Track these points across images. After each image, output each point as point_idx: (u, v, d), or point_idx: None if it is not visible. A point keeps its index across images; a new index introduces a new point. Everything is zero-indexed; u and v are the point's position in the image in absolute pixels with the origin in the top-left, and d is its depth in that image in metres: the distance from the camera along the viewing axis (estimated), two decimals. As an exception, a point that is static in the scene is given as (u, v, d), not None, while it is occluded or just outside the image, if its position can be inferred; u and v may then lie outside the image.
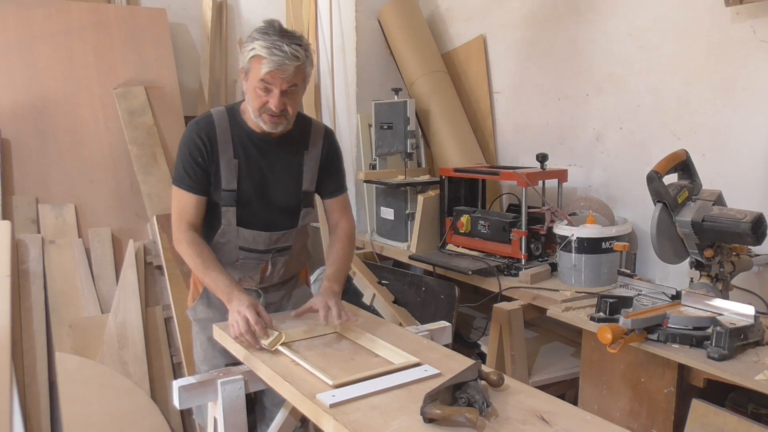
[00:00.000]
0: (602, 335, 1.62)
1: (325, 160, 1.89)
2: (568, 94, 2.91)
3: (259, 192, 1.79)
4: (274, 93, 1.64)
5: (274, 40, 1.60)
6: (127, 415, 2.54)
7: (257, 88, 1.65)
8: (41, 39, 3.09)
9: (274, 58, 1.59)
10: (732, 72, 2.22)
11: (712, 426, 1.57)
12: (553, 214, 2.54)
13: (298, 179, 1.85)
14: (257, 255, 1.84)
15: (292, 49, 1.60)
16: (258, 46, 1.61)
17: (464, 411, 1.13)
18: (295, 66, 1.62)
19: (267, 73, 1.60)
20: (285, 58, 1.59)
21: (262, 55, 1.60)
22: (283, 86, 1.64)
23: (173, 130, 3.28)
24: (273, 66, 1.60)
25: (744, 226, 1.75)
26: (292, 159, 1.83)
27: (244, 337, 1.56)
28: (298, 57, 1.62)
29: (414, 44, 3.43)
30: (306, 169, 1.85)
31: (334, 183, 1.93)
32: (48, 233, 2.86)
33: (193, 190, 1.75)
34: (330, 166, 1.91)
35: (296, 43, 1.63)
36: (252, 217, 1.80)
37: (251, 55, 1.63)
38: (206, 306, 1.89)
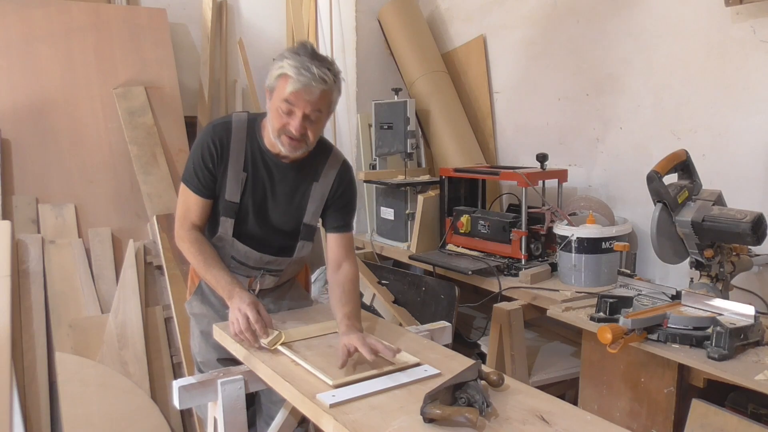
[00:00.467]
0: (602, 335, 1.62)
1: (334, 193, 1.81)
2: (568, 94, 2.91)
3: (256, 211, 1.77)
4: (296, 115, 1.59)
5: (304, 60, 1.55)
6: (127, 415, 2.54)
7: (280, 108, 1.59)
8: (41, 39, 3.09)
9: (301, 78, 1.54)
10: (732, 72, 2.22)
11: (712, 426, 1.57)
12: (553, 214, 2.54)
13: (300, 209, 1.79)
14: (247, 269, 1.85)
15: (321, 72, 1.55)
16: (286, 65, 1.56)
17: (464, 411, 1.13)
18: (322, 90, 1.57)
19: (292, 93, 1.55)
20: (312, 80, 1.54)
21: (289, 74, 1.55)
22: (307, 109, 1.58)
23: (173, 130, 3.29)
24: (299, 86, 1.54)
25: (744, 226, 1.75)
26: (299, 187, 1.78)
27: (244, 335, 1.55)
28: (326, 81, 1.56)
29: (414, 44, 3.43)
30: (311, 201, 1.79)
31: (339, 219, 1.83)
32: (48, 233, 2.86)
33: (201, 193, 1.73)
34: (338, 201, 1.82)
35: (326, 67, 1.57)
36: (247, 233, 1.79)
37: (278, 73, 1.58)
38: (200, 301, 1.91)
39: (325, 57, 1.62)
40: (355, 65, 3.58)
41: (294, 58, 1.56)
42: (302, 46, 1.60)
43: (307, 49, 1.59)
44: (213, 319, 1.85)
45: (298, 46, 1.60)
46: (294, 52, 1.58)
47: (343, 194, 1.83)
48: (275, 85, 1.60)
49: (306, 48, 1.59)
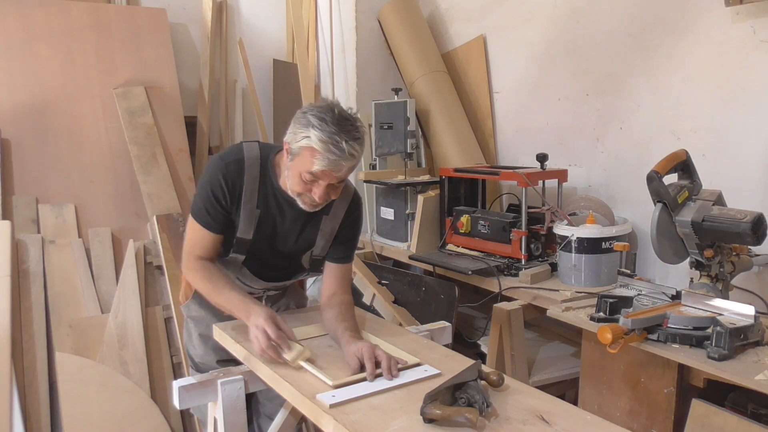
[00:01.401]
0: (602, 335, 1.62)
1: (343, 227, 1.76)
2: (568, 94, 2.91)
3: (266, 244, 1.73)
4: (320, 184, 1.52)
5: (332, 133, 1.44)
6: (127, 415, 2.54)
7: (303, 176, 1.51)
8: (41, 39, 3.09)
9: (330, 156, 1.44)
10: (732, 72, 2.22)
11: (712, 426, 1.57)
12: (553, 214, 2.54)
13: (308, 241, 1.75)
14: (250, 289, 1.84)
15: (350, 147, 1.45)
16: (314, 137, 1.44)
17: (464, 411, 1.13)
18: (350, 165, 1.50)
19: (319, 170, 1.47)
20: (341, 158, 1.45)
21: (317, 149, 1.45)
22: (333, 182, 1.52)
23: (173, 130, 3.29)
24: (327, 165, 1.46)
25: (744, 226, 1.75)
26: (310, 221, 1.72)
27: (267, 353, 1.45)
28: (355, 156, 1.48)
29: (414, 44, 3.43)
30: (321, 235, 1.74)
31: (341, 251, 1.78)
32: (48, 233, 2.86)
33: (211, 228, 1.66)
34: (345, 234, 1.77)
35: (354, 138, 1.47)
36: (255, 263, 1.77)
37: (304, 144, 1.47)
38: (198, 305, 1.91)
39: (351, 118, 1.50)
40: (355, 65, 3.58)
41: (322, 129, 1.44)
42: (329, 110, 1.47)
43: (335, 114, 1.47)
44: (211, 321, 1.84)
45: (325, 109, 1.48)
46: (320, 117, 1.45)
47: (350, 228, 1.78)
48: (299, 152, 1.50)
49: (333, 113, 1.47)
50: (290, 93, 3.79)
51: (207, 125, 3.69)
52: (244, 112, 3.92)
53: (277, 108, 3.94)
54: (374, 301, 2.86)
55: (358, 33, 3.56)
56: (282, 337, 1.47)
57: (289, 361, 1.44)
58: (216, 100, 3.81)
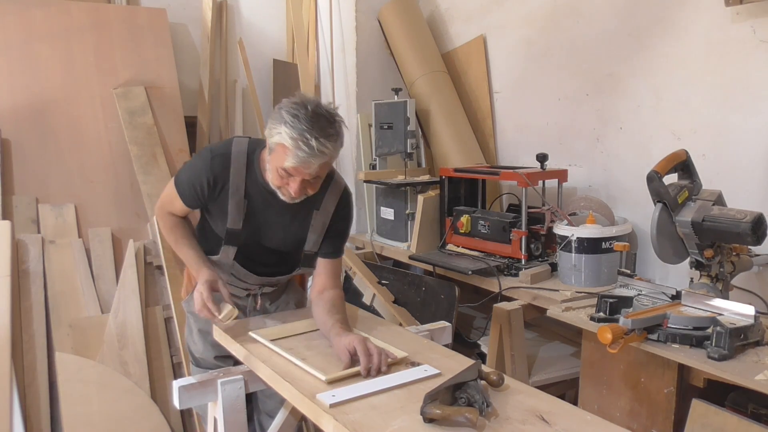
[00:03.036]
0: (602, 335, 1.62)
1: (333, 222, 1.77)
2: (568, 94, 2.91)
3: (257, 237, 1.75)
4: (295, 179, 1.54)
5: (302, 130, 1.44)
6: (127, 415, 2.54)
7: (278, 171, 1.54)
8: (41, 39, 3.09)
9: (299, 153, 1.45)
10: (732, 72, 2.22)
11: (712, 426, 1.57)
12: (553, 214, 2.54)
13: (299, 236, 1.76)
14: (246, 284, 1.87)
15: (320, 144, 1.45)
16: (285, 133, 1.46)
17: (464, 411, 1.13)
18: (321, 163, 1.50)
19: (290, 167, 1.50)
20: (310, 156, 1.46)
21: (287, 146, 1.46)
22: (306, 178, 1.54)
23: (173, 130, 3.28)
24: (296, 162, 1.47)
25: (744, 226, 1.75)
26: (298, 215, 1.73)
27: (202, 312, 1.63)
28: (325, 153, 1.48)
29: (414, 44, 3.43)
30: (312, 230, 1.76)
31: (331, 246, 1.80)
32: (48, 233, 2.86)
33: (185, 200, 1.74)
34: (335, 229, 1.79)
35: (327, 135, 1.47)
36: (246, 257, 1.79)
37: (276, 140, 1.49)
38: None
39: (326, 114, 1.51)
40: (355, 65, 3.58)
41: (293, 126, 1.45)
42: (302, 107, 1.48)
43: (307, 110, 1.47)
44: None
45: (298, 106, 1.48)
46: (293, 114, 1.46)
47: (341, 223, 1.80)
48: (274, 148, 1.53)
49: (306, 109, 1.47)
50: (290, 93, 3.75)
51: (207, 125, 3.69)
52: (244, 112, 3.91)
53: (277, 108, 3.94)
54: (374, 301, 2.86)
55: (358, 33, 3.56)
56: (211, 300, 1.62)
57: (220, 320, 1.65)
58: (216, 100, 3.81)
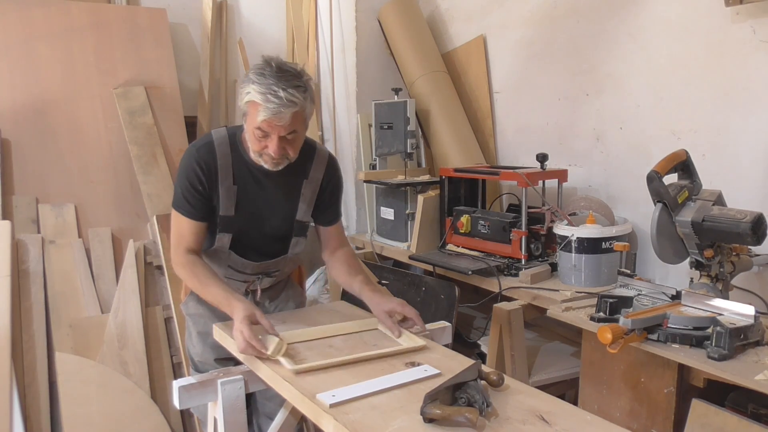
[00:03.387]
0: (602, 335, 1.62)
1: (324, 189, 1.83)
2: (568, 94, 2.91)
3: (253, 221, 1.76)
4: (272, 138, 1.57)
5: (270, 84, 1.50)
6: (127, 415, 2.54)
7: (255, 133, 1.58)
8: (41, 39, 3.09)
9: (269, 105, 1.50)
10: (732, 72, 2.22)
11: (712, 426, 1.57)
12: (553, 214, 2.54)
13: (292, 208, 1.80)
14: (244, 275, 1.86)
15: (288, 95, 1.50)
16: (253, 91, 1.52)
17: (464, 411, 1.13)
18: (293, 112, 1.54)
19: (263, 121, 1.53)
20: (281, 106, 1.50)
21: (257, 101, 1.52)
22: (281, 133, 1.57)
23: (173, 130, 3.28)
24: (268, 114, 1.51)
25: (744, 226, 1.75)
26: (290, 188, 1.78)
27: (247, 351, 1.51)
28: (296, 102, 1.52)
29: (414, 44, 3.43)
30: (302, 199, 1.80)
31: (330, 214, 1.88)
32: (48, 233, 2.86)
33: (192, 216, 1.71)
34: (329, 197, 1.85)
35: (294, 86, 1.52)
36: (243, 244, 1.79)
37: (246, 99, 1.55)
38: (197, 302, 1.91)
39: (292, 70, 1.56)
40: (355, 65, 3.58)
41: (260, 82, 1.51)
42: (267, 65, 1.55)
43: (272, 68, 1.54)
44: (210, 319, 1.85)
45: (263, 65, 1.55)
46: (259, 73, 1.53)
47: (333, 189, 1.87)
48: (246, 110, 1.58)
49: (271, 66, 1.54)
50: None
51: (207, 125, 3.69)
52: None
53: (277, 108, 3.94)
54: (374, 301, 2.86)
55: (358, 33, 3.56)
56: (256, 338, 1.48)
57: (269, 355, 1.49)
58: (216, 100, 3.81)
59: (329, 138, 3.82)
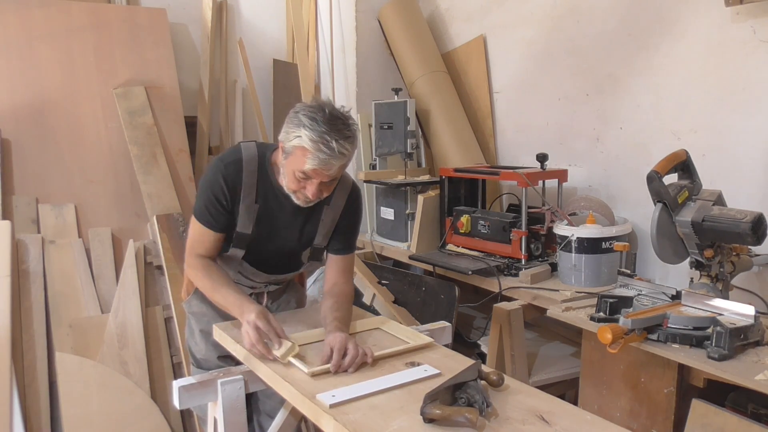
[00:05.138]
0: (602, 335, 1.62)
1: (343, 218, 1.79)
2: (568, 94, 2.91)
3: (268, 242, 1.75)
4: (312, 182, 1.55)
5: (323, 132, 1.47)
6: (127, 415, 2.54)
7: (296, 174, 1.55)
8: (41, 39, 3.09)
9: (320, 155, 1.48)
10: (732, 72, 2.22)
11: (712, 426, 1.57)
12: (553, 214, 2.54)
13: (311, 234, 1.78)
14: (252, 282, 1.87)
15: (340, 146, 1.48)
16: (305, 136, 1.48)
17: (464, 411, 1.13)
18: (341, 164, 1.53)
19: (310, 169, 1.51)
20: (332, 158, 1.48)
21: (308, 148, 1.48)
22: (325, 180, 1.55)
23: (173, 130, 3.28)
24: (318, 165, 1.49)
25: (744, 226, 1.75)
26: (311, 214, 1.75)
27: (256, 347, 1.49)
28: (345, 155, 1.50)
29: (414, 44, 3.43)
30: (322, 225, 1.77)
31: (342, 242, 1.82)
32: (48, 233, 2.86)
33: (212, 227, 1.69)
34: (346, 225, 1.81)
35: (345, 137, 1.50)
36: (256, 258, 1.78)
37: (295, 143, 1.51)
38: (200, 300, 1.91)
39: (342, 117, 1.53)
40: (355, 65, 3.58)
41: (312, 129, 1.47)
42: (320, 110, 1.51)
43: (325, 114, 1.50)
44: (213, 317, 1.86)
45: (316, 109, 1.51)
46: (311, 117, 1.49)
47: (351, 218, 1.82)
48: (291, 151, 1.54)
49: (324, 112, 1.50)
50: (290, 93, 3.80)
51: (207, 125, 3.69)
52: (244, 112, 3.91)
53: (277, 108, 3.94)
54: (374, 301, 2.86)
55: (358, 33, 3.56)
56: (272, 332, 1.49)
57: (279, 357, 1.47)
58: (216, 100, 3.81)
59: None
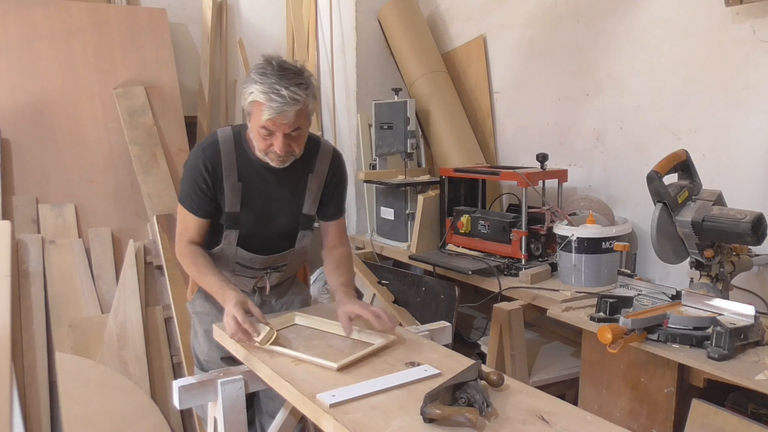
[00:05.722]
0: (602, 335, 1.62)
1: (329, 184, 1.84)
2: (568, 94, 2.91)
3: (259, 217, 1.78)
4: (277, 136, 1.59)
5: (272, 83, 1.52)
6: (127, 415, 2.54)
7: (260, 132, 1.60)
8: (41, 39, 3.09)
9: (272, 104, 1.52)
10: (732, 72, 2.22)
11: (712, 426, 1.57)
12: (553, 214, 2.54)
13: (299, 203, 1.82)
14: (252, 271, 1.87)
15: (291, 93, 1.52)
16: (256, 91, 1.54)
17: (464, 411, 1.13)
18: (296, 110, 1.55)
19: (267, 120, 1.55)
20: (284, 104, 1.52)
21: (261, 100, 1.53)
22: (286, 130, 1.58)
23: (173, 130, 3.29)
24: (272, 113, 1.53)
25: (744, 226, 1.75)
26: (296, 183, 1.80)
27: (236, 335, 1.56)
28: (298, 100, 1.54)
29: (414, 44, 3.43)
30: (308, 193, 1.82)
31: (333, 207, 1.89)
32: (48, 233, 2.86)
33: (196, 212, 1.74)
34: (333, 191, 1.87)
35: (296, 83, 1.54)
36: (251, 240, 1.81)
37: (250, 99, 1.57)
38: (204, 300, 1.92)
39: (293, 68, 1.58)
40: (355, 65, 3.58)
41: (263, 81, 1.53)
42: (268, 64, 1.56)
43: (273, 67, 1.55)
44: (216, 317, 1.86)
45: (264, 64, 1.57)
46: (261, 72, 1.55)
47: (337, 184, 1.88)
48: (250, 110, 1.60)
49: (272, 65, 1.56)
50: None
51: (207, 125, 3.69)
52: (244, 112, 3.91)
53: (277, 108, 3.94)
54: (374, 301, 2.86)
55: (358, 33, 3.56)
56: (247, 322, 1.54)
57: (258, 343, 1.53)
58: (216, 100, 3.81)
59: (329, 138, 3.82)
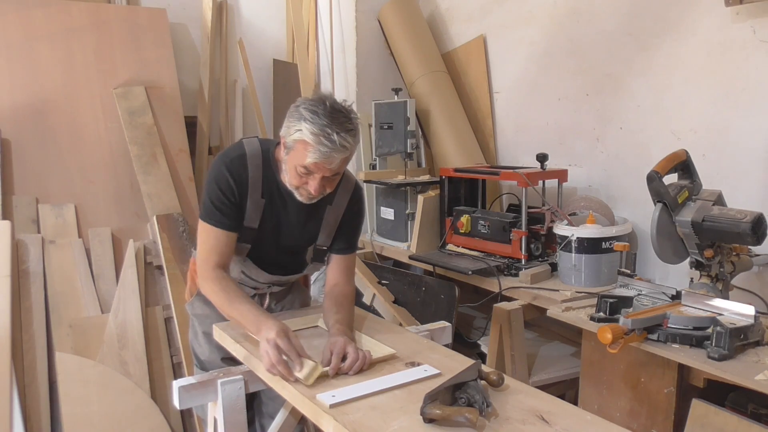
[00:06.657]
0: (602, 335, 1.62)
1: (345, 217, 1.78)
2: (568, 94, 2.91)
3: (271, 236, 1.74)
4: (315, 177, 1.54)
5: (323, 125, 1.45)
6: (127, 415, 2.54)
7: (298, 169, 1.53)
8: (41, 39, 3.09)
9: (321, 148, 1.46)
10: (732, 72, 2.22)
11: (712, 426, 1.57)
12: (553, 214, 2.54)
13: (313, 234, 1.77)
14: (256, 282, 1.85)
15: (341, 139, 1.46)
16: (305, 130, 1.46)
17: (464, 411, 1.13)
18: (342, 157, 1.51)
19: (311, 162, 1.49)
20: (333, 150, 1.46)
21: (308, 141, 1.46)
22: (327, 174, 1.54)
23: (173, 130, 3.28)
24: (319, 158, 1.47)
25: (744, 226, 1.75)
26: (313, 213, 1.74)
27: (276, 368, 1.40)
28: (347, 147, 1.49)
29: (414, 44, 3.43)
30: (324, 224, 1.76)
31: (344, 241, 1.80)
32: (48, 233, 2.86)
33: (224, 226, 1.64)
34: (348, 225, 1.80)
35: (346, 129, 1.48)
36: (259, 255, 1.77)
37: (296, 137, 1.49)
38: (203, 302, 1.90)
39: (344, 110, 1.51)
40: (355, 65, 3.58)
41: (313, 122, 1.46)
42: (321, 103, 1.49)
43: (326, 107, 1.48)
44: (216, 319, 1.85)
45: (317, 102, 1.50)
46: (312, 110, 1.47)
47: (353, 218, 1.80)
48: (293, 146, 1.52)
49: (325, 105, 1.48)
50: (290, 93, 3.79)
51: (207, 125, 3.69)
52: (244, 112, 3.92)
53: (277, 108, 3.94)
54: (374, 301, 2.86)
55: (358, 33, 3.56)
56: (293, 351, 1.41)
57: (302, 379, 1.35)
58: (216, 100, 3.81)
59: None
